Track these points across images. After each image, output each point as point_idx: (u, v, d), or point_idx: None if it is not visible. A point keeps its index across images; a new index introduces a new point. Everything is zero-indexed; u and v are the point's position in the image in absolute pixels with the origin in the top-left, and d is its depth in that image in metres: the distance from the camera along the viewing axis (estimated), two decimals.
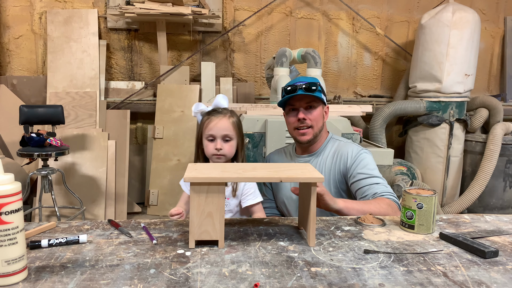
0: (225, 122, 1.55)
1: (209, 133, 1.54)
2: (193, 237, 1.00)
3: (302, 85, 1.49)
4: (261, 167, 1.11)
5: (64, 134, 3.21)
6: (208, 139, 1.55)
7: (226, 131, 1.54)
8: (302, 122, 1.52)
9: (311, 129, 1.53)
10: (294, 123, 1.55)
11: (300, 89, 1.49)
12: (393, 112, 3.38)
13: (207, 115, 1.58)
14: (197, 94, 3.44)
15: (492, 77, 4.07)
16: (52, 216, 3.15)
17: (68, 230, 1.12)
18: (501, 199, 3.46)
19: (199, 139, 1.59)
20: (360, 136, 2.48)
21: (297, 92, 1.49)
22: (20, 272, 0.82)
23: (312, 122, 1.53)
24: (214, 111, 1.59)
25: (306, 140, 1.55)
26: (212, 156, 1.55)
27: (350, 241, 1.06)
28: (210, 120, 1.55)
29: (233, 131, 1.56)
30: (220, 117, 1.55)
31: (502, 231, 1.16)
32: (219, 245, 1.00)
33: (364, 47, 3.89)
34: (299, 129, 1.54)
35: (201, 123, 1.59)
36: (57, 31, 3.40)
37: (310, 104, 1.53)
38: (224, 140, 1.54)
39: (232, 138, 1.56)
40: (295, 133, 1.56)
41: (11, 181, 0.81)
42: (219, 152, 1.53)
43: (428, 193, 1.13)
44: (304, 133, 1.54)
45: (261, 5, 3.64)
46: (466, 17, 3.18)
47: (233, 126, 1.57)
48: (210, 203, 0.98)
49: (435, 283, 0.83)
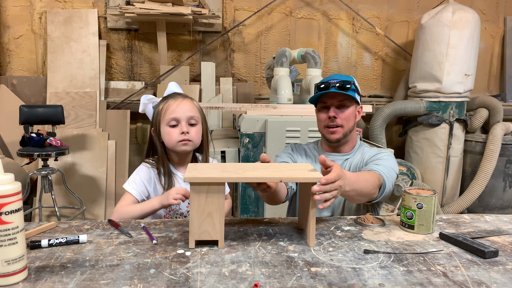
0: (189, 103, 1.40)
1: (171, 117, 1.36)
2: (193, 237, 1.00)
3: (336, 83, 1.46)
4: (261, 166, 1.11)
5: (64, 134, 3.21)
6: (170, 124, 1.37)
7: (191, 112, 1.38)
8: (333, 121, 1.48)
9: (341, 128, 1.49)
10: (324, 121, 1.51)
11: (333, 86, 1.46)
12: (393, 112, 3.38)
13: (163, 101, 1.41)
14: (197, 94, 3.45)
15: (492, 77, 4.07)
16: (52, 216, 3.15)
17: (68, 230, 1.12)
18: (501, 199, 3.46)
19: (157, 130, 1.41)
20: (360, 136, 2.48)
21: (330, 90, 1.46)
22: (20, 272, 0.82)
23: (342, 121, 1.49)
24: (170, 95, 1.43)
25: (336, 138, 1.51)
26: (177, 143, 1.37)
27: (350, 241, 1.06)
28: (170, 104, 1.38)
29: (198, 114, 1.41)
30: (181, 98, 1.40)
31: (502, 231, 1.16)
32: (219, 245, 1.00)
33: (364, 47, 3.89)
34: (329, 127, 1.50)
35: (158, 111, 1.40)
36: (57, 31, 3.40)
37: (343, 103, 1.49)
38: (189, 124, 1.38)
39: (198, 122, 1.41)
40: (324, 131, 1.53)
41: (11, 181, 0.81)
42: (186, 136, 1.36)
43: (428, 193, 1.13)
44: (334, 131, 1.50)
45: (261, 5, 3.64)
46: (466, 17, 3.18)
47: (198, 109, 1.42)
48: (210, 203, 0.98)
49: (435, 283, 0.83)
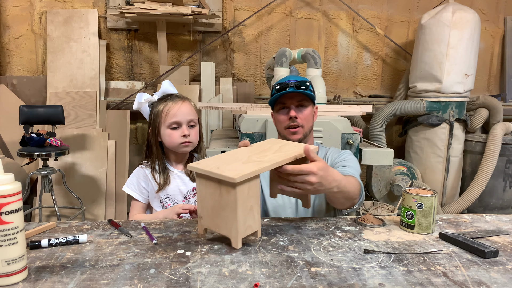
0: (188, 106, 1.45)
1: (173, 120, 1.41)
2: (241, 236, 0.97)
3: (293, 84, 1.47)
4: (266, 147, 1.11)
5: (64, 134, 3.21)
6: (171, 127, 1.42)
7: (191, 115, 1.44)
8: (294, 121, 1.49)
9: (302, 128, 1.50)
10: (285, 122, 1.51)
11: (291, 87, 1.46)
12: (393, 112, 3.38)
13: (163, 103, 1.44)
14: (197, 94, 3.45)
15: (492, 77, 4.07)
16: (52, 216, 3.15)
17: (68, 230, 1.12)
18: (501, 199, 3.46)
19: (156, 130, 1.45)
20: (360, 136, 2.48)
21: (288, 90, 1.46)
22: (20, 272, 0.82)
23: (303, 121, 1.50)
24: (169, 97, 1.46)
25: (297, 139, 1.51)
26: (179, 145, 1.43)
27: (350, 241, 1.06)
28: (171, 106, 1.42)
29: (197, 116, 1.47)
30: (180, 101, 1.44)
31: (502, 231, 1.16)
32: (258, 234, 1.01)
33: (364, 47, 3.89)
34: (290, 127, 1.50)
35: (158, 112, 1.43)
36: (57, 31, 3.41)
37: (301, 103, 1.50)
38: (189, 126, 1.44)
39: (196, 123, 1.47)
40: (285, 132, 1.52)
41: (11, 181, 0.81)
42: (187, 138, 1.42)
43: (428, 193, 1.13)
44: (295, 132, 1.50)
45: (261, 5, 3.64)
46: (466, 17, 3.18)
47: (196, 111, 1.48)
48: (251, 196, 0.97)
49: (435, 283, 0.83)
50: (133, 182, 1.48)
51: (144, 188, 1.48)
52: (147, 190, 1.49)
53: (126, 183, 1.50)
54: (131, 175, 1.51)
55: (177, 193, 1.48)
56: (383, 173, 3.34)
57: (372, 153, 2.44)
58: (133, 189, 1.48)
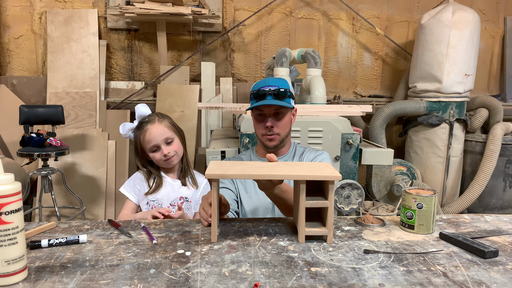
0: (158, 127, 1.57)
1: (151, 145, 1.56)
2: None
3: (273, 91, 1.46)
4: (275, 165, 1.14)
5: (64, 134, 3.21)
6: (152, 150, 1.57)
7: (164, 134, 1.56)
8: (270, 130, 1.51)
9: (278, 136, 1.53)
10: (261, 129, 1.54)
11: (269, 94, 1.46)
12: (393, 112, 3.38)
13: (137, 130, 1.60)
14: (197, 94, 3.45)
15: (492, 77, 4.06)
16: (52, 216, 3.15)
17: (68, 230, 1.12)
18: (501, 199, 3.46)
19: (142, 154, 1.62)
20: (360, 136, 2.48)
21: (266, 99, 1.46)
22: (20, 272, 0.82)
23: (279, 130, 1.52)
24: (141, 124, 1.60)
25: (273, 145, 1.55)
26: (163, 162, 1.58)
27: (350, 241, 1.06)
28: (144, 132, 1.56)
29: (171, 131, 1.59)
30: (150, 125, 1.57)
31: (502, 231, 1.16)
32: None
33: (364, 47, 3.89)
34: (267, 135, 1.53)
35: (136, 140, 1.61)
36: (57, 31, 3.40)
37: (279, 111, 1.51)
38: (166, 143, 1.57)
39: (173, 137, 1.59)
40: (263, 138, 1.56)
41: (11, 181, 0.81)
42: (168, 155, 1.56)
43: (428, 193, 1.13)
44: (271, 139, 1.53)
45: (261, 5, 3.64)
46: (466, 17, 3.18)
47: (168, 127, 1.59)
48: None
49: (435, 283, 0.83)
50: (130, 184, 1.64)
51: (138, 189, 1.62)
52: (139, 191, 1.62)
53: (123, 185, 1.65)
54: (129, 178, 1.66)
55: (165, 199, 1.61)
56: (383, 173, 3.34)
57: (372, 153, 2.44)
58: (128, 191, 1.63)
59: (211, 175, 1.01)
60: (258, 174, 1.04)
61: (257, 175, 1.04)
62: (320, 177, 1.02)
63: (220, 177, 1.02)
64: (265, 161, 1.54)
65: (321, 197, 1.07)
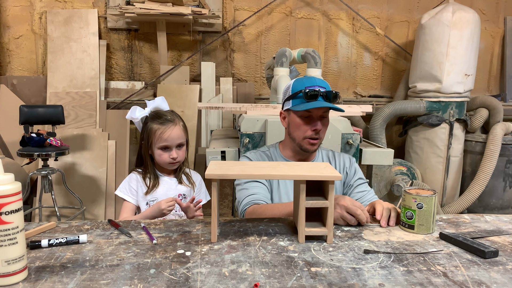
0: (178, 130, 1.56)
1: (163, 144, 1.55)
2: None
3: (324, 92, 1.39)
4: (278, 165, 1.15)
5: (64, 134, 3.21)
6: (161, 148, 1.56)
7: (180, 139, 1.57)
8: (317, 133, 1.42)
9: (320, 141, 1.46)
10: (306, 132, 1.42)
11: (320, 95, 1.39)
12: (393, 112, 3.38)
13: (157, 124, 1.55)
14: (197, 94, 3.45)
15: (492, 77, 4.06)
16: (52, 216, 3.15)
17: (68, 230, 1.12)
18: (501, 199, 3.46)
19: (148, 146, 1.58)
20: (360, 136, 2.48)
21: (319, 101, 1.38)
22: (20, 272, 0.82)
23: (322, 134, 1.45)
24: (163, 118, 1.56)
25: (314, 150, 1.48)
26: (167, 164, 1.58)
27: (350, 241, 1.06)
28: (163, 131, 1.54)
29: (184, 136, 1.60)
30: (172, 126, 1.55)
31: (502, 231, 1.16)
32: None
33: (364, 47, 3.89)
34: (310, 138, 1.44)
35: (150, 132, 1.56)
36: (57, 31, 3.40)
37: (324, 114, 1.44)
38: (177, 147, 1.57)
39: (184, 143, 1.60)
40: (304, 142, 1.45)
41: (11, 181, 0.81)
42: (176, 160, 1.56)
43: (428, 193, 1.13)
44: (314, 143, 1.44)
45: (261, 5, 3.64)
46: (466, 17, 3.18)
47: (184, 131, 1.60)
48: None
49: (435, 283, 0.83)
50: (125, 186, 1.62)
51: (134, 190, 1.61)
52: (137, 191, 1.61)
53: (118, 188, 1.63)
54: (123, 181, 1.64)
55: (164, 197, 1.59)
56: (383, 173, 3.34)
57: (372, 153, 2.44)
58: (125, 192, 1.61)
59: (211, 175, 1.00)
60: (258, 174, 1.04)
61: (257, 175, 1.04)
62: (320, 177, 1.02)
63: (220, 177, 1.02)
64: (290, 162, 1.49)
65: (321, 197, 1.07)
